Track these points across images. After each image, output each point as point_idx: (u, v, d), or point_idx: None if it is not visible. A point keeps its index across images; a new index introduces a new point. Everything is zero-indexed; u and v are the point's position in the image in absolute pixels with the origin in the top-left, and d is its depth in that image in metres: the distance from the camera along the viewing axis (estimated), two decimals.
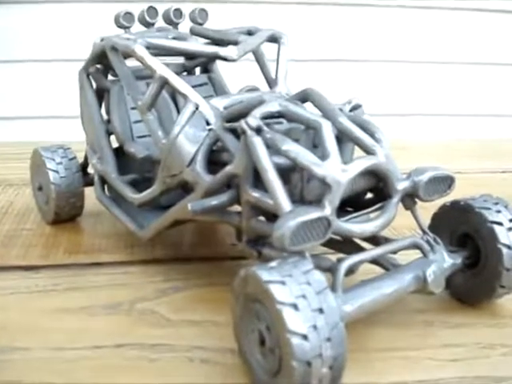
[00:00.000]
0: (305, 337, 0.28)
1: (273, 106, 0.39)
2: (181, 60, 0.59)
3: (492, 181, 0.70)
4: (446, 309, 0.43)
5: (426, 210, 0.43)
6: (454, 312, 0.42)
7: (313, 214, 0.33)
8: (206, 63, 0.59)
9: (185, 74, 0.59)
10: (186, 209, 0.40)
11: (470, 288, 0.42)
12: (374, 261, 0.40)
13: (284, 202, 0.34)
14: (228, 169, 0.39)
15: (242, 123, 0.37)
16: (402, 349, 0.38)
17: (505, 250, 0.39)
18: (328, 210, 0.34)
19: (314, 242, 0.33)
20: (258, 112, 0.38)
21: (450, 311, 0.42)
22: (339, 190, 0.35)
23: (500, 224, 0.40)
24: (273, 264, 0.31)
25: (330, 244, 0.41)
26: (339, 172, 0.35)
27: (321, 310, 0.29)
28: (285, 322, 0.28)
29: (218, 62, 0.59)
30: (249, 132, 0.36)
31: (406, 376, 0.36)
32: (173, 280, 0.47)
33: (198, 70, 0.60)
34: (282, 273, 0.30)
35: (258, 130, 0.37)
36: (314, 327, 0.29)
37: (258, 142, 0.36)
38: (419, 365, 0.37)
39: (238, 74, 0.61)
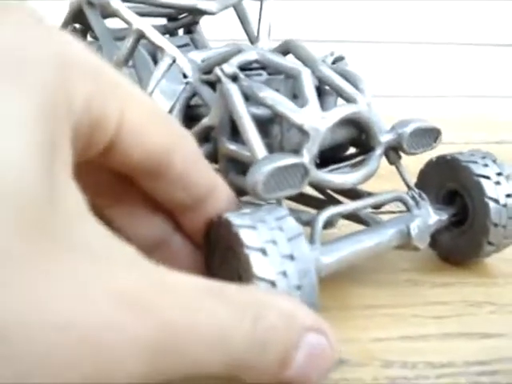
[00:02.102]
0: (273, 283, 0.27)
1: (250, 55, 0.37)
2: (163, 22, 0.57)
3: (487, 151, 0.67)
4: (432, 268, 0.41)
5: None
6: (440, 271, 0.41)
7: (289, 159, 0.31)
8: (189, 24, 0.57)
9: (167, 36, 0.57)
10: None
11: (457, 246, 0.40)
12: (356, 217, 0.38)
13: (259, 150, 0.33)
14: (204, 121, 0.37)
15: (217, 70, 0.35)
16: (386, 306, 0.37)
17: (492, 204, 0.38)
18: (306, 157, 0.33)
19: (291, 190, 0.32)
20: (234, 60, 0.36)
21: (436, 271, 0.41)
22: (318, 138, 0.33)
23: (487, 178, 0.38)
24: (246, 210, 0.30)
25: (309, 201, 0.40)
26: (318, 119, 0.33)
27: (291, 257, 0.28)
28: (252, 268, 0.27)
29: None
30: (224, 79, 0.35)
31: (389, 332, 0.35)
32: None
33: (181, 32, 0.58)
34: (254, 218, 0.29)
35: (234, 78, 0.35)
36: (284, 273, 0.27)
37: (233, 90, 0.34)
38: (404, 321, 0.36)
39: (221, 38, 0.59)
